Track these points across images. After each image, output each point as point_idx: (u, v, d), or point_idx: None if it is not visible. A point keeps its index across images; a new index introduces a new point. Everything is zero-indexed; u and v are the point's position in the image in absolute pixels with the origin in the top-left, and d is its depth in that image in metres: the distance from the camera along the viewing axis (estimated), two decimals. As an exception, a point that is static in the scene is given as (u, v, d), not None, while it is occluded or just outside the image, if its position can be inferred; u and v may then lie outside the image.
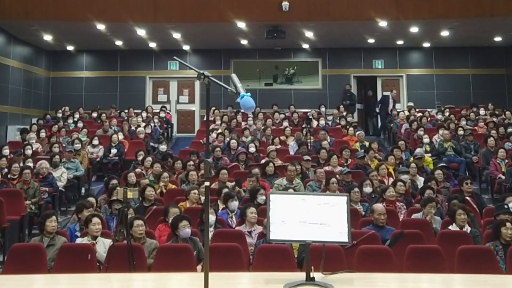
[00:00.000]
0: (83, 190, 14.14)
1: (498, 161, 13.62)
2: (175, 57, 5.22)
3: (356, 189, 10.42)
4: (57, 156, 13.64)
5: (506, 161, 13.54)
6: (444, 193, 11.14)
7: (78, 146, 15.10)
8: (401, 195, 10.73)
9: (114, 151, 15.80)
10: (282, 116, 19.44)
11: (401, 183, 10.95)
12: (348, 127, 17.42)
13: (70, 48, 22.12)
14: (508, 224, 7.73)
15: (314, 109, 20.36)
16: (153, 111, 20.80)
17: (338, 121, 19.16)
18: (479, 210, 10.18)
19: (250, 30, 18.74)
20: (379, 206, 8.77)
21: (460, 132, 16.38)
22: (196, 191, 10.26)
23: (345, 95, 21.46)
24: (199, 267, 7.09)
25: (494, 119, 18.52)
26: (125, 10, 17.15)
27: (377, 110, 21.11)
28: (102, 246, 7.68)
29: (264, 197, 9.73)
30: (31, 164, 13.13)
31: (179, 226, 7.66)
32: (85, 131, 17.13)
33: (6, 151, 14.33)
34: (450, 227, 8.56)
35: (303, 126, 17.44)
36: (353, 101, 21.35)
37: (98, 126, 18.14)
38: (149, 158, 13.52)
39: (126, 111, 20.45)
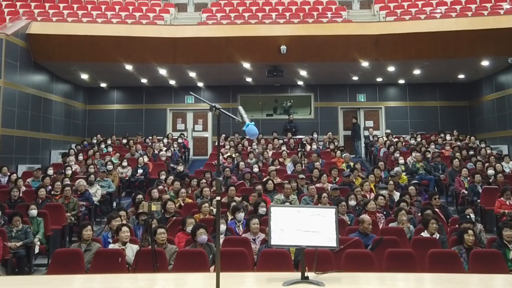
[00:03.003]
0: (114, 204, 14.16)
1: (461, 179, 13.69)
2: (191, 92, 5.27)
3: (343, 203, 10.49)
4: (92, 176, 13.70)
5: (468, 178, 13.58)
6: (417, 205, 11.16)
7: (110, 167, 15.17)
8: (381, 207, 10.75)
9: (140, 171, 15.84)
10: (281, 141, 19.44)
11: (382, 197, 10.97)
12: (336, 150, 17.46)
13: (103, 85, 22.21)
14: (469, 231, 7.77)
15: (307, 136, 20.41)
16: (173, 137, 20.82)
17: (327, 146, 19.20)
18: (446, 220, 10.19)
19: (254, 70, 18.77)
20: (367, 218, 8.77)
21: (430, 154, 16.42)
22: (206, 204, 10.29)
23: (287, 123, 21.64)
24: (212, 268, 7.09)
25: (459, 143, 18.56)
26: (149, 53, 17.23)
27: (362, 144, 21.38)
28: (131, 250, 7.70)
29: (264, 209, 9.81)
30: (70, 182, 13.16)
31: (197, 233, 7.69)
32: (118, 155, 17.19)
33: (50, 171, 14.40)
34: (422, 234, 8.58)
35: (298, 150, 17.53)
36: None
37: (126, 151, 18.15)
38: (170, 177, 13.55)
39: (150, 137, 20.45)
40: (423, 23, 17.39)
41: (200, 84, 21.96)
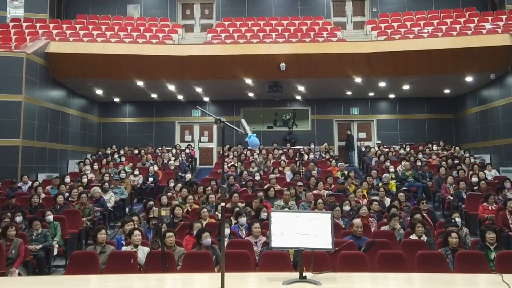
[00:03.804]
0: (127, 210, 14.18)
1: (447, 186, 13.72)
2: (197, 106, 5.30)
3: (338, 208, 10.49)
4: (106, 184, 13.74)
5: (454, 185, 13.62)
6: (406, 210, 11.16)
7: (123, 175, 15.23)
8: (375, 212, 10.77)
9: (150, 179, 15.88)
10: (280, 151, 19.47)
11: (376, 203, 11.01)
12: (331, 160, 17.48)
13: (116, 100, 22.28)
14: (453, 234, 7.79)
15: (305, 146, 20.43)
16: (181, 148, 20.85)
17: (324, 155, 19.23)
18: (433, 224, 10.19)
19: (255, 85, 18.82)
20: (357, 221, 8.78)
21: (418, 163, 16.44)
22: (205, 209, 10.25)
23: (286, 134, 21.83)
24: (217, 268, 7.09)
25: (445, 153, 18.61)
26: (158, 70, 17.30)
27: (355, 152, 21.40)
28: (142, 252, 7.71)
29: (266, 214, 9.78)
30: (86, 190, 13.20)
31: (202, 236, 7.70)
32: (131, 164, 17.22)
33: (67, 179, 14.48)
34: (411, 237, 8.58)
35: (297, 159, 17.54)
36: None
37: (138, 160, 18.20)
38: (178, 185, 13.58)
39: (160, 148, 20.52)
40: (412, 42, 17.46)
41: (206, 99, 21.98)
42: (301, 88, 19.69)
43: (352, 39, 19.55)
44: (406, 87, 19.57)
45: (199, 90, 19.84)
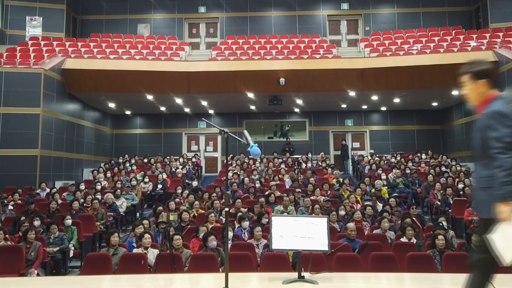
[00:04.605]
0: (137, 215, 14.17)
1: (435, 192, 13.73)
2: (203, 119, 5.34)
3: (334, 212, 10.48)
4: (118, 190, 13.73)
5: (441, 191, 13.62)
6: (397, 215, 11.16)
7: (134, 182, 15.23)
8: (369, 216, 10.80)
9: (159, 186, 15.90)
10: (280, 160, 19.49)
11: (369, 208, 11.03)
12: (327, 168, 17.49)
13: (128, 112, 22.33)
14: (440, 236, 7.81)
15: (303, 155, 20.44)
16: (188, 157, 20.88)
17: (320, 164, 19.25)
18: (422, 227, 10.20)
19: (257, 99, 18.87)
20: (351, 225, 8.79)
21: (408, 171, 16.46)
22: (212, 214, 10.27)
23: (285, 145, 21.81)
24: (221, 269, 7.11)
25: (433, 161, 18.61)
26: (167, 85, 17.37)
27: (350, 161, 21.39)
28: (152, 254, 7.73)
29: (267, 220, 9.78)
30: (99, 196, 13.21)
31: (208, 239, 7.71)
32: (142, 173, 17.25)
33: (82, 186, 14.51)
34: (401, 239, 8.60)
35: (295, 167, 17.53)
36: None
37: (148, 168, 18.20)
38: (185, 191, 13.58)
39: (168, 157, 20.52)
40: (402, 58, 17.51)
41: (211, 111, 22.01)
42: (299, 101, 19.73)
43: (347, 56, 19.59)
44: (397, 100, 19.61)
45: (204, 103, 19.89)
